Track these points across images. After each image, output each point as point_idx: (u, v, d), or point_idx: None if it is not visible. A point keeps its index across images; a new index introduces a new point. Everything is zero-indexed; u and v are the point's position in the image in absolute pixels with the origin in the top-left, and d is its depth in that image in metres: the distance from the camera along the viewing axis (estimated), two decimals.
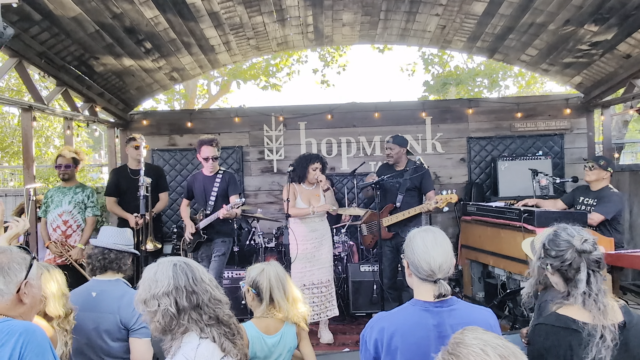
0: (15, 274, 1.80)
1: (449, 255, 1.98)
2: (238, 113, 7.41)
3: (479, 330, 1.44)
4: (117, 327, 2.62)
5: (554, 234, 2.02)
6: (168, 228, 6.79)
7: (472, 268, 5.09)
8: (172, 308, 1.82)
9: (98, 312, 2.64)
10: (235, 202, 4.56)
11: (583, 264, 1.90)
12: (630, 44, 5.33)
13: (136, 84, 6.67)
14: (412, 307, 2.00)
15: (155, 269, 1.91)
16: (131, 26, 5.07)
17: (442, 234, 2.05)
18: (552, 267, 1.98)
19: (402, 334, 1.90)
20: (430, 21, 5.89)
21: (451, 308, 1.95)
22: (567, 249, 1.93)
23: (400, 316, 1.98)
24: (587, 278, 1.88)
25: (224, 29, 5.67)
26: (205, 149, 4.77)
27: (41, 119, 9.50)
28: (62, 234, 4.85)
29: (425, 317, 1.93)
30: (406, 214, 4.76)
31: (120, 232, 2.93)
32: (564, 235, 1.98)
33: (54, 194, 4.98)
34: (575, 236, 1.96)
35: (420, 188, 4.96)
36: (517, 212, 4.12)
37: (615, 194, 4.48)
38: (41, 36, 4.67)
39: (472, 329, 1.47)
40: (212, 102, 14.42)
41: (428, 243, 1.98)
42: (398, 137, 5.12)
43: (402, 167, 5.02)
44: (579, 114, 7.18)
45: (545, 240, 2.04)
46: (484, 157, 7.26)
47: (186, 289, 1.85)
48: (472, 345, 1.36)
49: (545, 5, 4.95)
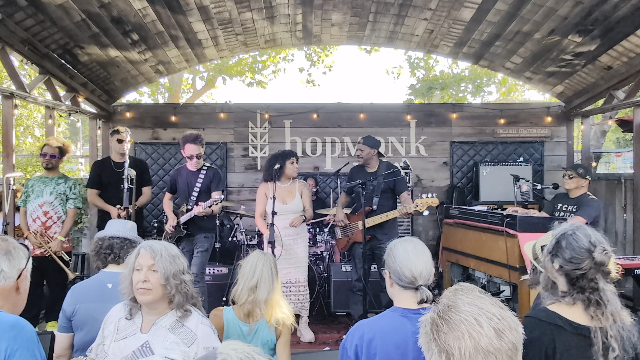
0: (19, 260, 1.85)
1: (429, 263, 2.07)
2: (223, 109, 7.36)
3: (475, 292, 1.33)
4: None
5: (572, 234, 1.86)
6: (148, 222, 6.71)
7: (453, 270, 5.15)
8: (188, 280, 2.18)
9: (116, 304, 2.57)
10: (214, 198, 4.54)
11: (599, 275, 1.79)
12: (611, 56, 5.47)
13: (121, 76, 6.57)
14: (391, 313, 2.06)
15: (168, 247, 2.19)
16: (118, 16, 5.00)
17: (422, 244, 2.14)
18: (562, 269, 1.85)
19: (381, 339, 1.95)
20: (419, 25, 5.95)
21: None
22: (585, 259, 1.80)
23: (380, 322, 2.03)
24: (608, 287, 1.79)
25: (212, 23, 5.63)
26: (188, 147, 4.74)
27: (20, 107, 9.29)
28: (42, 225, 4.75)
29: (404, 322, 1.98)
30: (384, 217, 4.68)
31: (128, 223, 2.90)
32: (585, 241, 1.83)
33: (34, 184, 4.87)
34: (598, 246, 1.81)
35: (394, 189, 4.88)
36: (499, 217, 4.19)
37: (594, 199, 4.59)
38: (26, 22, 4.57)
39: (467, 288, 1.34)
40: (196, 97, 14.28)
41: (409, 251, 2.07)
42: (370, 137, 4.97)
43: (374, 169, 4.92)
44: (559, 122, 7.34)
45: (560, 237, 1.89)
46: (466, 162, 7.36)
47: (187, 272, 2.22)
48: (465, 311, 1.25)
49: (531, 15, 5.05)
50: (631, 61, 5.39)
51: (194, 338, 2.11)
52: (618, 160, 16.24)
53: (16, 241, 1.90)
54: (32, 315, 4.77)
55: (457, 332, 1.23)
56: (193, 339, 2.11)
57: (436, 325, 1.28)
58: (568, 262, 1.82)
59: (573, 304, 1.82)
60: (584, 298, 1.78)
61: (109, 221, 2.92)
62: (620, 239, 6.91)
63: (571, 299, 1.82)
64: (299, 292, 4.75)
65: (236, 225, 6.06)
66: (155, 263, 2.11)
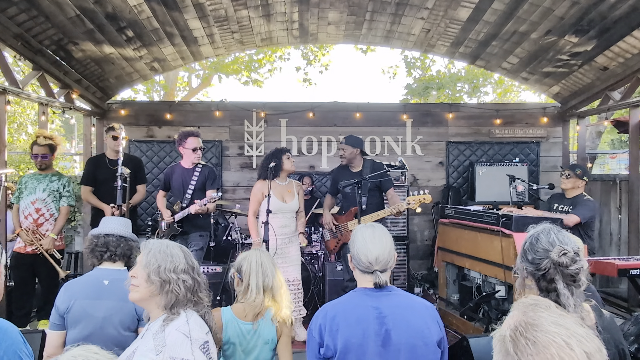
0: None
1: (386, 248, 2.11)
2: (219, 107, 7.32)
3: (555, 309, 1.22)
4: (132, 315, 2.58)
5: (535, 237, 1.92)
6: (142, 220, 6.67)
7: (448, 270, 5.14)
8: (190, 281, 1.98)
9: (114, 301, 2.57)
10: (210, 196, 4.51)
11: (558, 276, 1.81)
12: (608, 57, 5.47)
13: (115, 73, 6.52)
14: (353, 293, 2.15)
15: (165, 244, 2.03)
16: (113, 12, 4.95)
17: (382, 230, 2.19)
18: (527, 271, 1.91)
19: (343, 314, 2.04)
20: (415, 24, 5.93)
21: (390, 293, 2.11)
22: (544, 258, 1.84)
23: (342, 300, 2.14)
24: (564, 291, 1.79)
25: (208, 20, 5.59)
26: (192, 140, 4.74)
27: (14, 104, 9.21)
28: (34, 222, 4.70)
29: (365, 299, 2.08)
30: (375, 217, 4.60)
31: (123, 220, 2.85)
32: (544, 241, 1.88)
33: (28, 181, 4.81)
34: (556, 246, 1.84)
35: (380, 187, 4.83)
36: (495, 216, 4.18)
37: (590, 200, 4.59)
38: (19, 17, 4.52)
39: (545, 304, 1.23)
40: (192, 95, 14.21)
41: (367, 237, 2.13)
42: (351, 137, 4.91)
43: (359, 168, 4.86)
44: (555, 123, 7.35)
45: (527, 240, 1.95)
46: (462, 162, 7.35)
47: (197, 272, 2.04)
48: (552, 332, 1.13)
49: (528, 15, 5.04)
50: (627, 62, 5.39)
51: (162, 345, 1.84)
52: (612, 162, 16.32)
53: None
54: (24, 313, 4.73)
55: (546, 354, 1.12)
56: (162, 346, 1.84)
57: (518, 344, 1.16)
58: (530, 264, 1.88)
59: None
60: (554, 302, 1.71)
61: (103, 218, 2.88)
62: (615, 240, 6.92)
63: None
64: (295, 291, 4.73)
65: (231, 224, 6.03)
66: (143, 258, 2.00)
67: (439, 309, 5.15)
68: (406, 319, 2.02)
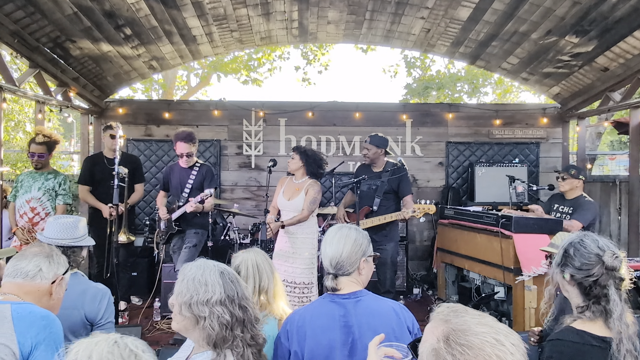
0: (58, 265, 1.97)
1: (342, 250, 2.03)
2: (217, 106, 7.29)
3: (471, 311, 1.25)
4: (82, 322, 2.51)
5: (580, 242, 1.84)
6: (140, 220, 6.64)
7: (447, 271, 5.12)
8: (227, 316, 1.66)
9: (61, 308, 2.46)
10: (204, 193, 4.43)
11: (611, 281, 1.75)
12: (608, 57, 5.44)
13: (113, 71, 6.49)
14: (322, 299, 2.10)
15: (201, 271, 1.72)
16: (111, 10, 4.91)
17: (347, 231, 2.08)
18: (574, 278, 1.81)
19: (310, 322, 1.99)
20: (415, 24, 5.90)
21: (357, 299, 2.03)
22: (596, 264, 1.76)
23: (310, 307, 2.09)
24: (615, 297, 1.73)
25: (207, 19, 5.56)
26: (179, 145, 4.69)
27: (11, 102, 9.17)
28: (29, 221, 4.66)
29: (332, 307, 2.01)
30: (382, 220, 4.60)
31: (67, 225, 2.67)
32: (594, 246, 1.80)
33: (24, 179, 4.79)
34: (607, 251, 1.78)
35: (397, 191, 4.78)
36: (494, 217, 4.16)
37: (591, 202, 4.57)
38: (15, 14, 4.48)
39: (462, 308, 1.26)
40: (191, 94, 14.17)
41: (327, 239, 2.09)
42: (376, 136, 4.88)
43: (380, 169, 4.84)
44: (555, 123, 7.32)
45: (568, 246, 1.86)
46: (461, 162, 7.32)
47: (238, 302, 1.71)
48: (482, 333, 1.17)
49: (528, 15, 5.01)
50: (628, 63, 5.37)
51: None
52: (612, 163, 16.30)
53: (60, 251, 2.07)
54: None
55: (483, 355, 1.14)
56: None
57: (455, 352, 1.16)
58: (578, 270, 1.78)
59: (594, 320, 1.74)
60: (602, 309, 1.73)
61: (48, 220, 2.73)
62: (614, 241, 6.90)
63: (591, 314, 1.75)
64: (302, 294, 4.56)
65: (229, 223, 6.00)
66: (176, 285, 1.79)
67: None
68: (373, 327, 1.92)
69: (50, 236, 2.60)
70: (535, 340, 2.63)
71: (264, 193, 5.20)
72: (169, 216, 4.73)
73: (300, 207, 4.52)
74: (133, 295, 5.71)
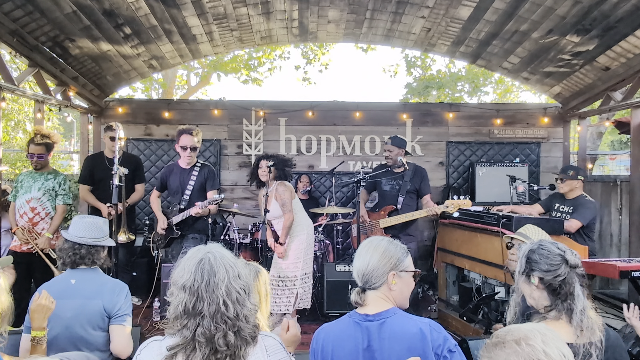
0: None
1: (368, 263, 1.95)
2: (217, 105, 7.27)
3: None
4: (100, 313, 2.55)
5: (540, 247, 1.94)
6: (140, 220, 6.62)
7: (448, 271, 5.09)
8: (181, 306, 1.57)
9: (80, 299, 2.54)
10: (212, 198, 4.41)
11: (576, 278, 1.87)
12: (609, 57, 5.42)
13: (113, 70, 6.47)
14: (348, 318, 1.99)
15: (190, 255, 1.67)
16: (110, 9, 4.89)
17: (376, 242, 2.01)
18: (542, 281, 1.90)
19: (333, 346, 1.93)
20: (416, 23, 5.88)
21: (382, 321, 1.90)
22: (561, 263, 1.88)
23: (335, 328, 2.00)
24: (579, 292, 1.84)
25: (207, 18, 5.54)
26: (184, 137, 4.62)
27: (11, 102, 9.16)
28: (29, 221, 4.64)
29: (356, 330, 1.92)
30: (409, 217, 4.74)
31: (92, 224, 2.78)
32: (554, 248, 1.92)
33: (24, 179, 4.75)
34: (567, 250, 1.91)
35: (419, 190, 4.97)
36: (495, 217, 4.14)
37: (591, 201, 4.56)
38: (14, 13, 4.46)
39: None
40: (191, 94, 14.15)
41: (358, 251, 2.02)
42: (397, 138, 5.05)
43: (401, 169, 4.99)
44: (556, 123, 7.31)
45: (529, 253, 1.96)
46: (462, 162, 7.31)
47: (196, 292, 1.57)
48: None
49: (529, 14, 4.99)
50: (629, 62, 5.35)
51: None
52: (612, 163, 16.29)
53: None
54: (19, 313, 4.66)
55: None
56: None
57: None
58: (546, 273, 1.89)
59: (559, 318, 1.85)
60: (567, 307, 1.83)
61: (73, 220, 2.81)
62: (615, 242, 6.89)
63: (557, 312, 1.86)
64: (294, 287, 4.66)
65: (229, 223, 5.98)
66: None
67: (438, 310, 5.11)
68: (396, 352, 1.83)
69: (77, 234, 2.69)
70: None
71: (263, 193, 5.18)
72: (164, 233, 4.64)
73: (278, 212, 4.65)
74: (132, 295, 5.68)
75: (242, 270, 1.66)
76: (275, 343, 1.73)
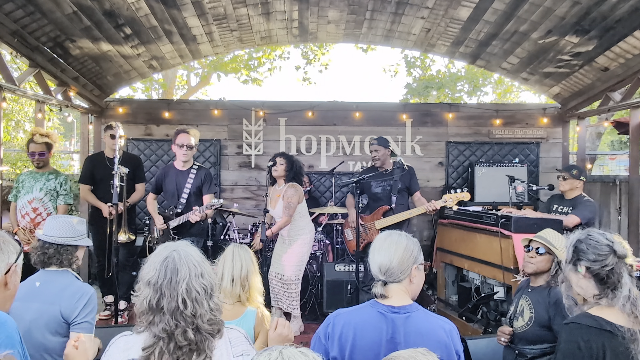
0: (8, 254, 1.77)
1: (393, 257, 1.98)
2: (217, 106, 7.29)
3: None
4: (58, 319, 2.47)
5: (588, 236, 1.94)
6: (140, 219, 6.63)
7: (447, 271, 5.11)
8: (146, 302, 1.60)
9: (40, 303, 2.47)
10: (211, 202, 4.33)
11: (624, 268, 1.87)
12: (608, 57, 5.44)
13: (113, 70, 6.48)
14: (370, 308, 2.01)
15: (157, 252, 1.69)
16: (111, 9, 4.91)
17: (397, 237, 2.05)
18: (589, 270, 1.89)
19: (355, 333, 1.93)
20: (416, 24, 5.90)
21: (407, 315, 1.94)
22: (609, 254, 1.88)
23: (356, 315, 2.00)
24: (627, 281, 1.85)
25: (207, 18, 5.55)
26: (181, 136, 4.55)
27: (11, 102, 9.17)
28: (31, 222, 4.66)
29: (380, 320, 1.94)
30: (407, 215, 4.76)
31: (63, 224, 2.69)
32: (602, 238, 1.91)
33: (25, 179, 4.77)
34: (615, 241, 1.91)
35: (409, 188, 4.98)
36: (494, 217, 4.15)
37: (590, 201, 4.57)
38: (15, 14, 4.48)
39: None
40: (191, 94, 14.17)
41: (377, 246, 2.05)
42: (382, 138, 5.07)
43: (389, 168, 5.00)
44: (555, 123, 7.32)
45: (577, 242, 1.96)
46: (461, 162, 7.32)
47: (159, 289, 1.59)
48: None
49: (529, 15, 5.01)
50: (628, 63, 5.36)
51: None
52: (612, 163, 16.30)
53: (8, 235, 1.82)
54: None
55: None
56: None
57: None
58: (594, 262, 1.88)
59: (612, 305, 1.84)
60: (616, 295, 1.83)
61: (47, 220, 2.77)
62: None
63: (608, 300, 1.85)
64: (291, 290, 4.73)
65: (228, 223, 6.00)
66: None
67: (437, 310, 5.12)
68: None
69: (47, 234, 2.63)
70: (505, 340, 2.70)
71: (263, 193, 5.21)
72: (165, 227, 4.60)
73: (281, 213, 4.74)
74: (131, 294, 5.70)
75: (206, 269, 1.69)
76: (239, 335, 1.78)
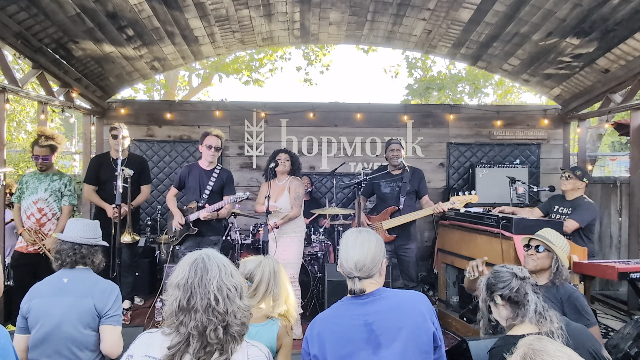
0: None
1: (367, 254, 2.06)
2: (219, 107, 7.31)
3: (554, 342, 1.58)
4: (91, 312, 2.56)
5: (493, 273, 2.39)
6: (142, 220, 6.65)
7: (448, 272, 5.12)
8: (175, 303, 1.61)
9: (71, 297, 2.56)
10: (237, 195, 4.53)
11: (528, 287, 2.29)
12: (609, 59, 5.45)
13: (116, 72, 6.51)
14: (340, 303, 2.12)
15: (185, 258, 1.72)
16: (114, 11, 4.93)
17: (367, 235, 2.12)
18: (502, 297, 2.30)
19: (330, 328, 2.02)
20: (417, 25, 5.91)
21: (376, 298, 2.05)
22: (512, 278, 2.32)
23: (329, 312, 2.11)
24: (533, 296, 2.25)
25: (209, 20, 5.58)
26: (210, 137, 4.77)
27: (13, 102, 9.20)
28: (36, 222, 4.68)
29: (351, 308, 2.05)
30: (414, 216, 4.82)
31: (90, 225, 2.82)
32: (504, 270, 2.38)
33: (29, 180, 4.78)
34: (514, 267, 2.38)
35: (417, 191, 5.04)
36: (495, 219, 4.17)
37: (590, 203, 4.57)
38: (19, 16, 4.51)
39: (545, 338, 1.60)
40: (192, 95, 14.19)
41: (349, 242, 2.10)
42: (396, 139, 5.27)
43: (399, 171, 5.06)
44: (556, 125, 7.33)
45: (486, 280, 2.40)
46: (462, 163, 7.34)
47: (189, 288, 1.62)
48: (557, 356, 1.47)
49: (530, 16, 5.02)
50: (629, 64, 5.38)
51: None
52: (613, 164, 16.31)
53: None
54: None
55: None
56: None
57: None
58: (503, 289, 2.31)
59: (522, 321, 2.25)
60: (525, 312, 2.23)
61: (68, 221, 2.84)
62: (615, 243, 6.91)
63: (520, 318, 2.26)
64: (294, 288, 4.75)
65: (230, 224, 6.01)
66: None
67: (438, 311, 5.14)
68: (394, 322, 1.98)
69: (78, 235, 2.71)
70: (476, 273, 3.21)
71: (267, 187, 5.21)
72: (184, 221, 4.71)
73: (287, 205, 4.80)
74: (136, 295, 5.73)
75: (235, 271, 1.73)
76: (259, 353, 1.76)
